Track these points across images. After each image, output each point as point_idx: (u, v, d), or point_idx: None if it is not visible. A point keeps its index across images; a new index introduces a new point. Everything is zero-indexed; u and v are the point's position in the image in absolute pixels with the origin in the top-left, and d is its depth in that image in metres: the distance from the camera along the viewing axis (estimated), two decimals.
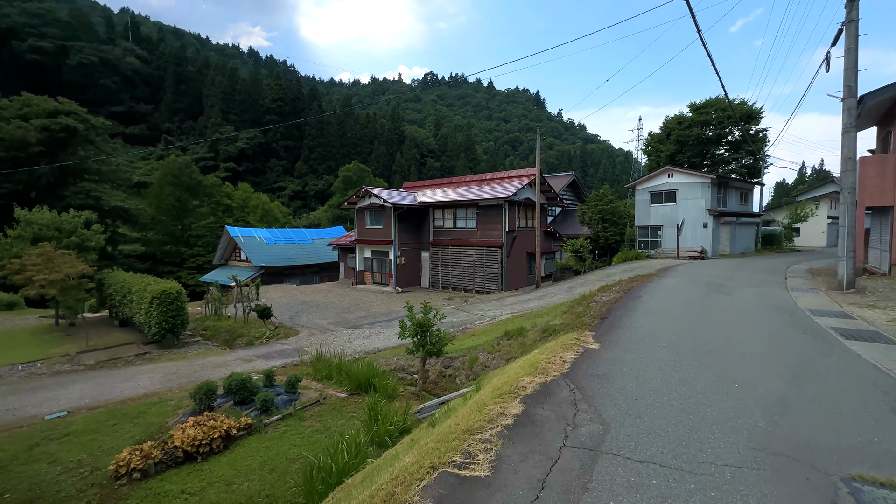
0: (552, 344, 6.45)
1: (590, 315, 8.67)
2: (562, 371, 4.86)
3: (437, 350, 8.36)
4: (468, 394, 6.58)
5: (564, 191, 42.44)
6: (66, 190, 49.46)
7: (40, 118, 48.76)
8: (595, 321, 7.94)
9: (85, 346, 13.58)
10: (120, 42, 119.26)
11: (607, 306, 9.40)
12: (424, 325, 8.36)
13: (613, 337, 6.72)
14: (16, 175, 47.27)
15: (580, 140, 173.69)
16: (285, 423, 7.32)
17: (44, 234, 15.74)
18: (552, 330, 8.58)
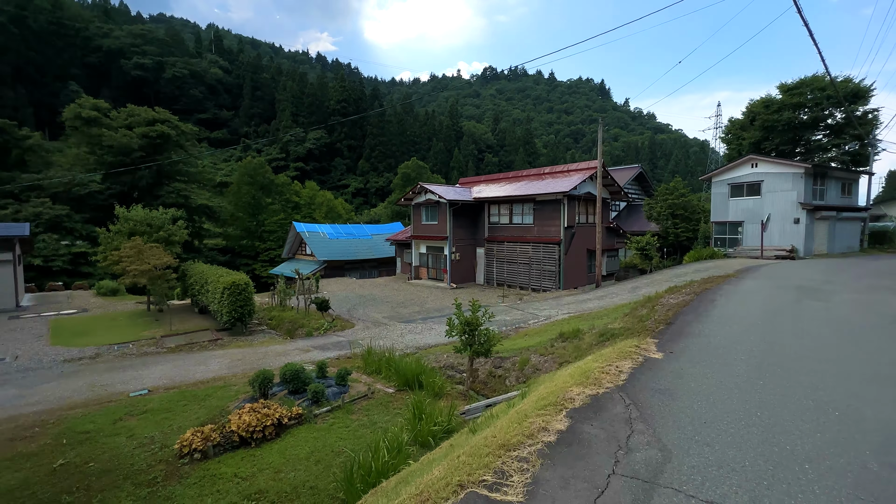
0: (608, 350, 5.89)
1: (653, 319, 7.89)
2: (616, 382, 4.37)
3: (485, 350, 8.08)
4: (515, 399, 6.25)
5: (630, 184, 39.92)
6: (161, 190, 55.29)
7: (141, 126, 54.80)
8: (659, 326, 7.19)
9: (169, 330, 15.05)
10: (206, 55, 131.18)
11: (674, 310, 8.52)
12: (472, 324, 8.12)
13: (680, 346, 6.00)
14: (122, 177, 53.59)
15: (649, 130, 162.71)
16: (333, 415, 7.47)
17: (137, 229, 17.69)
18: (610, 334, 7.93)
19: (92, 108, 53.11)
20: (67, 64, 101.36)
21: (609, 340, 7.59)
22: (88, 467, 5.90)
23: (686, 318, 7.67)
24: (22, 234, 20.38)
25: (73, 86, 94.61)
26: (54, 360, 11.47)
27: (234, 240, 66.60)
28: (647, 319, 8.04)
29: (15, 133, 49.48)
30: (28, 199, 47.62)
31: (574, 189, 23.06)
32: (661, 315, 8.19)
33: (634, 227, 34.61)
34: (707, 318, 7.80)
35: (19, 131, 50.32)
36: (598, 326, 10.44)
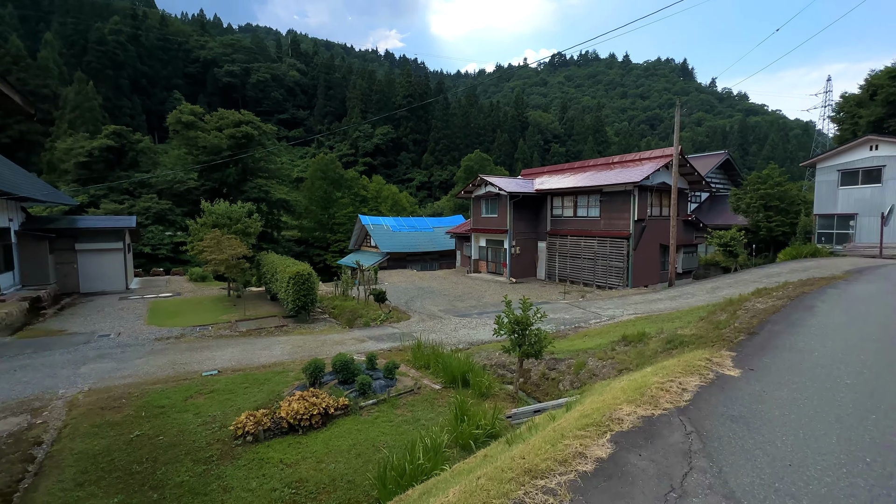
0: (672, 362, 5.14)
1: (733, 327, 6.87)
2: (678, 403, 3.74)
3: (535, 352, 7.60)
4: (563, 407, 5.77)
5: (714, 173, 36.17)
6: (245, 185, 60.37)
7: (229, 128, 60.10)
8: (739, 336, 6.21)
9: (243, 315, 16.32)
10: (285, 59, 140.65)
11: (761, 317, 7.36)
12: (522, 323, 7.67)
13: (764, 362, 5.09)
14: (213, 174, 59.33)
15: (739, 113, 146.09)
16: (378, 408, 7.49)
17: (219, 221, 19.40)
18: (679, 341, 7.05)
19: (189, 114, 59.31)
20: (171, 75, 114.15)
21: (677, 348, 6.74)
22: (158, 440, 6.46)
23: (775, 328, 6.56)
24: (129, 226, 23.36)
25: (177, 94, 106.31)
26: (147, 338, 12.91)
27: (307, 231, 70.99)
28: (726, 326, 7.02)
29: (130, 138, 56.69)
30: (140, 196, 54.56)
31: (646, 179, 21.23)
32: (743, 322, 7.12)
33: (718, 220, 31.28)
34: (803, 329, 6.61)
35: (133, 136, 57.56)
36: (668, 331, 9.43)
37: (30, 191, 19.35)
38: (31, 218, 21.78)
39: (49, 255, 20.92)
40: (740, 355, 5.26)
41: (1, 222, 18.67)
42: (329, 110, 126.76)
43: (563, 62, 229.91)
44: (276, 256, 20.04)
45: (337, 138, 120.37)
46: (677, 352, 6.48)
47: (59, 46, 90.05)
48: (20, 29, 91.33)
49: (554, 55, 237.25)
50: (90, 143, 54.59)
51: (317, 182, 71.45)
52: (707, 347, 5.82)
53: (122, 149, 56.54)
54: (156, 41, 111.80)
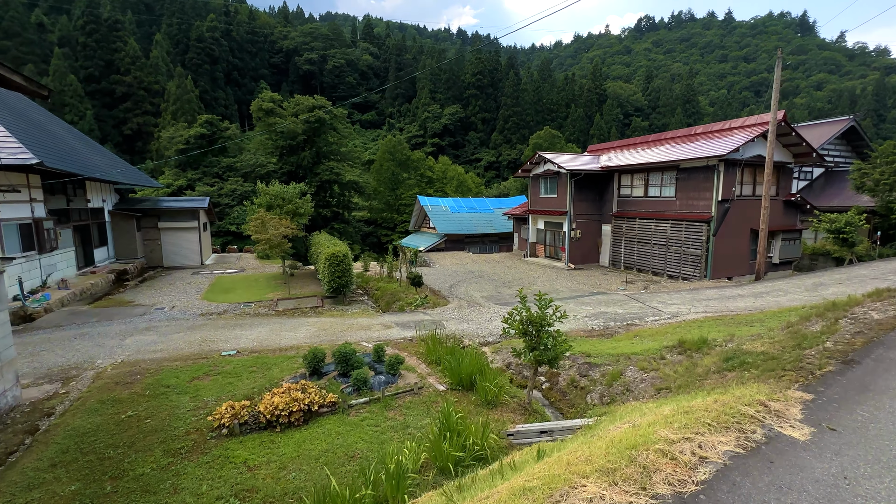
0: (705, 403, 3.56)
1: (823, 348, 5.00)
2: (680, 489, 2.36)
3: (549, 359, 6.31)
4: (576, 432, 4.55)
5: (833, 144, 30.09)
6: (318, 168, 63.42)
7: (304, 113, 63.07)
8: (826, 365, 4.41)
9: (287, 293, 16.75)
10: (359, 43, 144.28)
11: (870, 334, 5.33)
12: (537, 323, 6.41)
13: (855, 417, 3.37)
14: (290, 158, 63.06)
15: (875, 72, 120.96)
16: (370, 408, 6.79)
17: (272, 202, 20.09)
18: (740, 361, 5.34)
19: (269, 101, 63.19)
20: (258, 66, 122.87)
21: (735, 370, 5.08)
22: (145, 423, 6.40)
23: (888, 354, 4.61)
24: (202, 206, 25.30)
25: (263, 84, 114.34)
26: (195, 313, 13.62)
27: (376, 212, 73.14)
28: (813, 344, 5.15)
29: (219, 126, 61.98)
30: (227, 179, 59.78)
31: (734, 152, 17.86)
32: (841, 340, 5.18)
33: (834, 200, 26.03)
34: None
35: (222, 124, 62.84)
36: (737, 339, 7.52)
37: (117, 175, 21.54)
38: (123, 199, 24.42)
39: (137, 233, 23.38)
40: (819, 400, 3.57)
41: (96, 203, 21.09)
42: (399, 92, 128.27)
43: (652, 26, 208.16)
44: (325, 237, 20.32)
45: (407, 119, 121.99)
46: (734, 376, 4.85)
47: (167, 46, 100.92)
48: (137, 33, 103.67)
49: (641, 19, 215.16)
50: (187, 131, 60.68)
51: (384, 164, 73.06)
52: (773, 379, 4.17)
53: (213, 136, 62.09)
54: (245, 34, 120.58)
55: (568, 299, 15.84)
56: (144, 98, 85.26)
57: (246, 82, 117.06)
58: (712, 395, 3.88)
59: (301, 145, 64.59)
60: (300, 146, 64.43)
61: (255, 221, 16.41)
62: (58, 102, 73.45)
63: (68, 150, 17.90)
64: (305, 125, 62.16)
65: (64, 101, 73.67)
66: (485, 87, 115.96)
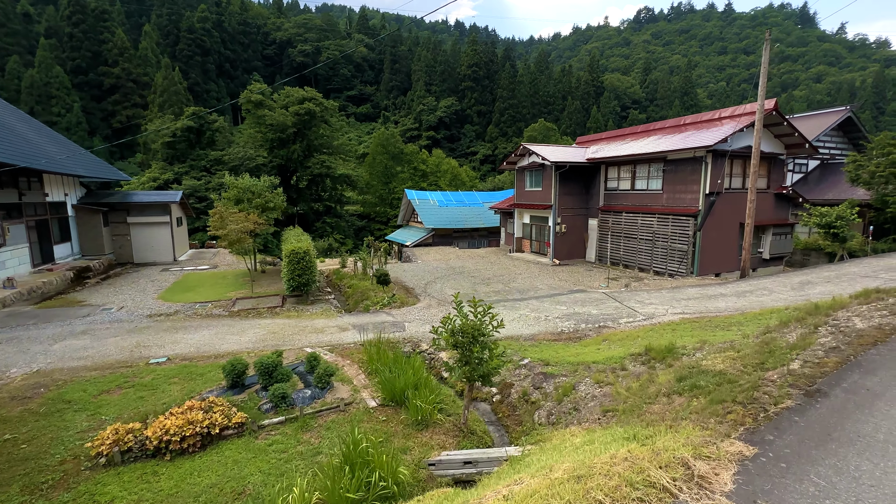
0: (613, 462, 2.65)
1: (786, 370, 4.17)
2: None
3: (481, 374, 5.48)
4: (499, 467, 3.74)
5: (829, 135, 29.23)
6: (309, 161, 62.29)
7: (294, 105, 61.80)
8: (785, 397, 3.58)
9: (250, 292, 15.92)
10: (354, 35, 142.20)
11: (849, 351, 4.51)
12: (469, 334, 5.57)
13: (805, 493, 2.49)
14: (279, 151, 61.90)
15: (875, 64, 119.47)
16: (284, 429, 5.99)
17: (241, 196, 19.19)
18: (692, 384, 4.53)
19: (258, 93, 61.83)
20: (251, 58, 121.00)
21: (685, 395, 4.27)
22: (20, 450, 5.59)
23: (865, 382, 3.78)
24: (174, 200, 24.38)
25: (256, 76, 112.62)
26: (143, 314, 12.79)
27: (369, 206, 72.18)
28: (777, 365, 4.33)
29: (207, 118, 60.70)
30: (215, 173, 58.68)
31: (722, 142, 16.97)
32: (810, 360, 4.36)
33: (829, 193, 25.18)
34: None
35: (210, 116, 61.56)
36: (707, 347, 6.73)
37: (76, 168, 20.59)
38: (90, 192, 23.48)
39: (104, 228, 22.46)
40: (762, 458, 2.68)
41: (56, 197, 20.16)
42: (395, 84, 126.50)
43: (651, 17, 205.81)
44: (294, 232, 19.45)
45: (402, 112, 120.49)
46: (682, 403, 4.05)
47: (156, 37, 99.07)
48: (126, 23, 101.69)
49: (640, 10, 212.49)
50: (174, 124, 59.43)
51: (377, 157, 72.00)
52: (716, 417, 3.34)
53: (201, 129, 60.87)
54: (237, 25, 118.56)
55: (544, 298, 15.05)
56: (133, 90, 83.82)
57: (238, 74, 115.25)
58: (631, 444, 3.05)
59: (291, 138, 63.37)
60: (290, 139, 63.22)
61: (215, 216, 15.55)
62: (44, 94, 72.09)
63: (18, 142, 16.95)
64: (296, 118, 60.91)
65: (50, 93, 72.27)
66: (480, 79, 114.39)
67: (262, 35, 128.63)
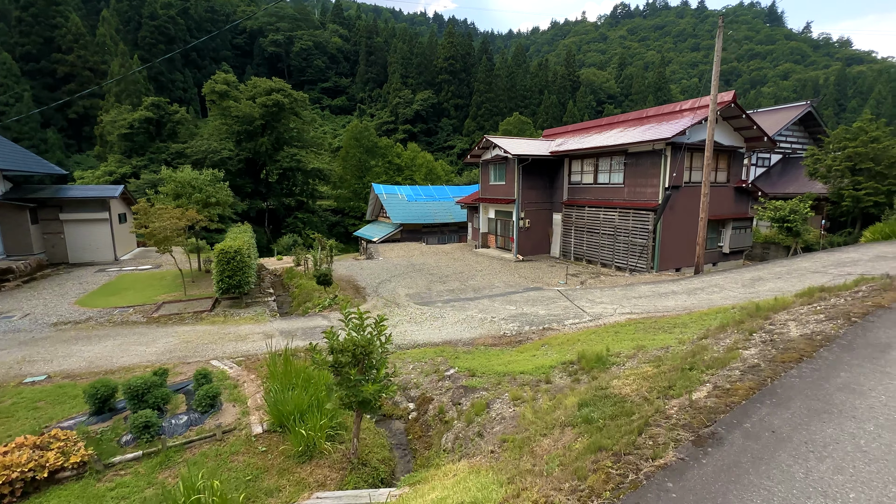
0: None
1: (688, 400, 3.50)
2: None
3: (360, 400, 4.65)
4: None
5: (790, 129, 29.47)
6: (278, 155, 60.14)
7: (261, 97, 59.38)
8: (668, 445, 2.89)
9: (183, 295, 14.72)
10: (328, 25, 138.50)
11: (766, 373, 3.88)
12: (349, 352, 4.72)
13: None
14: (246, 144, 59.53)
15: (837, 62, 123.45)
16: (137, 467, 5.05)
17: (180, 191, 17.84)
18: (586, 416, 3.83)
19: (223, 83, 59.12)
20: (220, 47, 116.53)
21: (577, 427, 3.56)
22: None
23: (771, 419, 3.10)
24: (113, 195, 22.67)
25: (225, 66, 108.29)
26: (48, 322, 11.51)
27: (343, 201, 70.48)
28: (684, 390, 3.65)
29: (167, 109, 57.81)
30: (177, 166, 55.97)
31: (680, 135, 16.57)
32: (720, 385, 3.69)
33: (790, 187, 25.32)
34: (844, 429, 3.11)
35: (170, 107, 58.65)
36: (641, 355, 6.11)
37: None
38: (16, 187, 21.59)
39: (33, 226, 20.69)
40: None
41: None
42: (370, 76, 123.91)
43: (627, 13, 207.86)
44: (239, 229, 18.24)
45: (378, 105, 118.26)
46: (570, 438, 3.34)
47: (115, 23, 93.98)
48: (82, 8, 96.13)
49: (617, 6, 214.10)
50: (131, 115, 56.34)
51: (351, 150, 70.20)
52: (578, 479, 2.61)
53: (161, 120, 57.92)
54: (204, 13, 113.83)
55: (497, 297, 14.38)
56: (90, 79, 79.42)
57: (206, 64, 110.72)
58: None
59: (259, 131, 61.07)
60: (258, 132, 60.92)
61: (140, 212, 14.24)
62: None
63: None
64: (263, 109, 58.62)
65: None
66: (457, 72, 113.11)
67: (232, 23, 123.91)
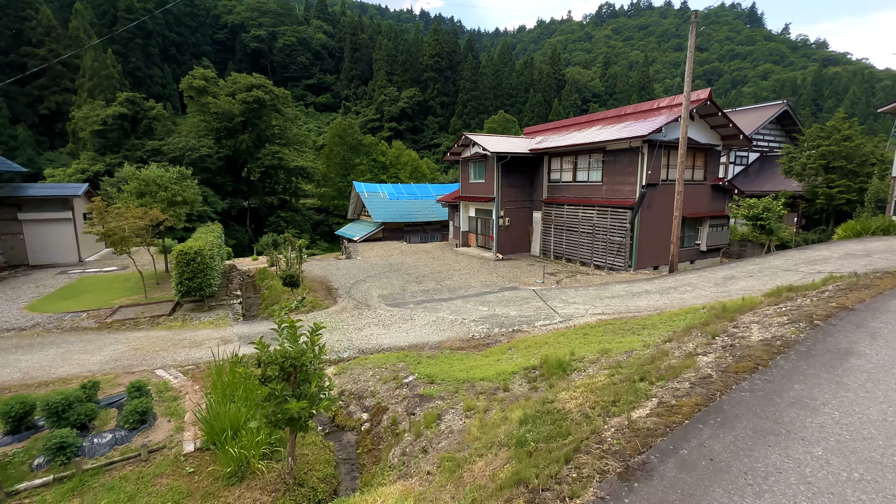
0: None
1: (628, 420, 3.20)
2: None
3: (287, 418, 4.25)
4: None
5: (768, 128, 29.79)
6: (259, 153, 58.83)
7: (241, 93, 57.99)
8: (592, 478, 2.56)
9: (144, 298, 14.06)
10: (312, 21, 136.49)
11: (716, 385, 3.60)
12: (276, 366, 4.30)
13: None
14: (227, 141, 58.12)
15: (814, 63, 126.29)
16: (46, 494, 4.57)
17: (144, 189, 17.08)
18: (520, 438, 3.51)
19: (201, 78, 57.57)
20: (200, 42, 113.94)
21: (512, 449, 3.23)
22: None
23: (712, 444, 2.79)
24: (76, 193, 21.73)
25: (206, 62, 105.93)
26: None
27: (327, 199, 69.48)
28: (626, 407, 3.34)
29: (142, 105, 56.14)
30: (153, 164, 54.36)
31: (657, 132, 16.45)
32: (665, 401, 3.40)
33: (767, 185, 25.55)
34: (794, 447, 2.82)
35: (146, 103, 56.96)
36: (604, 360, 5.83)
37: None
38: None
39: None
40: None
41: None
42: (356, 74, 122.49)
43: (612, 13, 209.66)
44: (206, 229, 17.57)
45: (363, 102, 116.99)
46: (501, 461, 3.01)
47: (89, 16, 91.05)
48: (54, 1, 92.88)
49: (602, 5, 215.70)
50: (104, 111, 54.56)
51: (335, 148, 69.17)
52: None
53: (136, 116, 56.22)
54: (183, 7, 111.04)
55: (471, 297, 14.06)
56: (63, 74, 76.79)
57: (186, 59, 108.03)
58: None
59: (240, 128, 59.73)
60: (239, 128, 59.57)
61: (96, 212, 13.51)
62: None
63: None
64: (243, 106, 57.31)
65: None
66: (443, 69, 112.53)
67: (213, 18, 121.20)
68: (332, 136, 71.94)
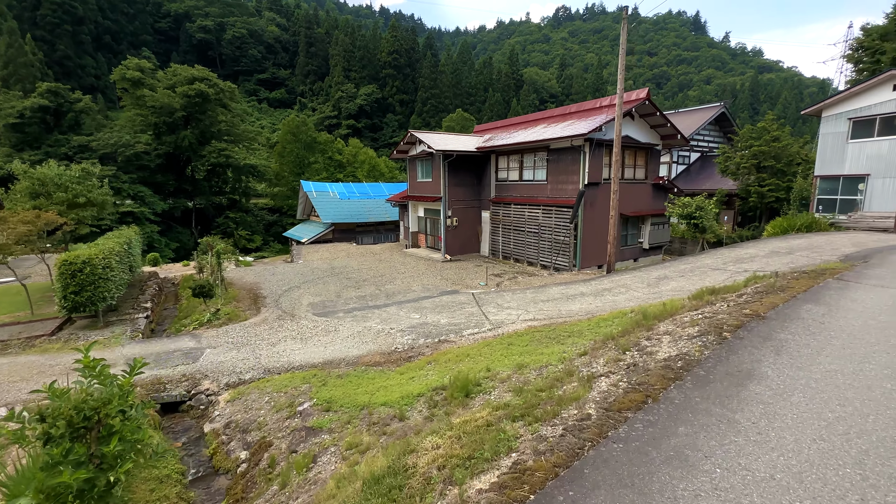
0: None
1: (492, 473, 2.54)
2: None
3: (80, 490, 3.30)
4: None
5: (707, 129, 30.88)
6: (204, 150, 55.09)
7: (182, 86, 54.05)
8: None
9: (29, 315, 12.28)
10: (264, 13, 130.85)
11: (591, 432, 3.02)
12: (67, 416, 3.34)
13: None
14: (166, 137, 53.98)
15: (751, 70, 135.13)
16: None
17: (39, 189, 15.10)
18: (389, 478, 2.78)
19: (136, 69, 53.23)
20: (139, 31, 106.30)
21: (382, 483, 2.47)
22: None
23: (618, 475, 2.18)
24: None
25: (146, 52, 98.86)
26: None
27: (280, 199, 66.42)
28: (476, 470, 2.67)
29: (68, 97, 51.39)
30: (80, 161, 49.78)
31: (597, 131, 16.33)
32: (526, 455, 2.76)
33: (707, 184, 26.40)
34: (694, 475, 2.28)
35: (72, 95, 52.16)
36: (515, 378, 5.20)
37: None
38: None
39: None
40: None
41: None
42: (311, 69, 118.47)
43: (568, 16, 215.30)
44: (114, 233, 15.76)
45: (320, 99, 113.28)
46: None
47: None
48: None
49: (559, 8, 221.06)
50: (21, 102, 49.46)
51: (288, 145, 66.16)
52: None
53: (60, 108, 51.33)
54: None
55: (406, 303, 13.28)
56: None
57: (124, 49, 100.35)
58: None
59: (181, 123, 55.65)
60: (179, 124, 55.46)
61: None
62: None
63: None
64: (185, 100, 53.39)
65: None
66: (402, 67, 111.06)
67: (154, 6, 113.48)
68: (286, 133, 68.91)
